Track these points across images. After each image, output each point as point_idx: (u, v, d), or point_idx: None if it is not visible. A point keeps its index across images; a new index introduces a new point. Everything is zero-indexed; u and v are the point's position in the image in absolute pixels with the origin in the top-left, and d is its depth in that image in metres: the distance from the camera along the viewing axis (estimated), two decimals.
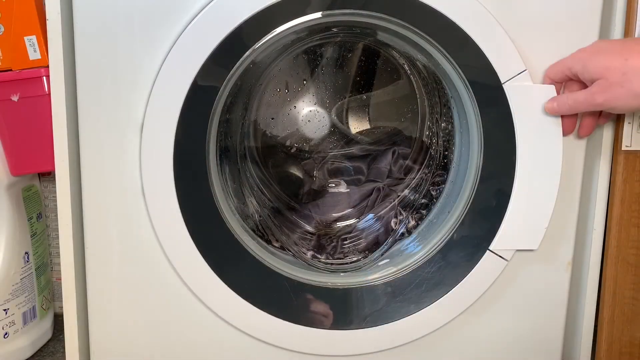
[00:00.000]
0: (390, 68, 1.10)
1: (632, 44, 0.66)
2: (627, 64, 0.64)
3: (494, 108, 0.73)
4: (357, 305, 0.80)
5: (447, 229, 0.79)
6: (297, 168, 1.13)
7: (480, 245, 0.78)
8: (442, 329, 0.80)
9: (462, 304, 0.79)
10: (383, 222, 0.91)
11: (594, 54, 0.68)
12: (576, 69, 0.69)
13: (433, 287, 0.79)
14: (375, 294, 0.80)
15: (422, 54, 0.79)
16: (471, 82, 0.73)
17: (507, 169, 0.75)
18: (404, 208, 0.90)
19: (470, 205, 0.77)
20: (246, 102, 1.09)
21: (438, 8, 0.70)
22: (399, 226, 0.88)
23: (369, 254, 0.87)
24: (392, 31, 0.74)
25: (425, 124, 1.11)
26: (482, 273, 0.79)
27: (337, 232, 0.90)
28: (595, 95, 0.67)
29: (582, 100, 0.68)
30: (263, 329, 0.78)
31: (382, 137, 1.00)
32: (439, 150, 1.08)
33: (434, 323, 0.80)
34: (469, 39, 0.71)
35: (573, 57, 0.70)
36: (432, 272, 0.79)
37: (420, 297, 0.79)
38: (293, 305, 0.78)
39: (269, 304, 0.77)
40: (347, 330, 0.79)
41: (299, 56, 1.09)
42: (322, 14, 0.69)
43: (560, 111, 0.71)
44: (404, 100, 1.11)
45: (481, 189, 0.77)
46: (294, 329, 0.78)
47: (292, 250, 0.86)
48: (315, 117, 1.10)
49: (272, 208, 1.03)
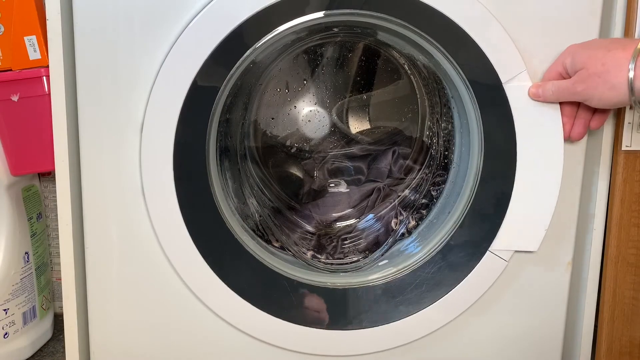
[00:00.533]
0: (391, 68, 1.10)
1: (623, 40, 0.66)
2: (607, 55, 0.64)
3: (494, 108, 0.73)
4: (357, 305, 0.80)
5: (447, 229, 0.79)
6: (297, 168, 1.13)
7: (480, 245, 0.78)
8: (442, 330, 0.80)
9: (462, 304, 0.79)
10: (383, 222, 0.91)
11: (583, 47, 0.68)
12: (566, 62, 0.69)
13: (433, 288, 0.79)
14: (375, 294, 0.80)
15: (423, 54, 0.79)
16: (471, 82, 0.73)
17: (507, 169, 0.75)
18: (404, 208, 0.90)
19: (470, 206, 0.77)
20: (246, 102, 1.09)
21: (438, 8, 0.70)
22: (399, 226, 0.88)
23: (369, 254, 0.87)
24: (392, 31, 0.74)
25: (425, 124, 1.11)
26: (482, 273, 0.79)
27: (337, 232, 0.89)
28: (576, 84, 0.67)
29: (564, 87, 0.69)
30: (262, 329, 0.78)
31: (383, 137, 1.00)
32: (440, 150, 1.08)
33: (434, 323, 0.80)
34: (469, 38, 0.71)
35: (565, 51, 0.71)
36: (432, 273, 0.79)
37: (420, 298, 0.79)
38: (293, 305, 0.78)
39: (269, 304, 0.77)
40: (347, 330, 0.79)
41: (299, 56, 1.09)
42: (325, 13, 0.69)
43: (543, 97, 0.71)
44: (405, 100, 1.11)
45: (481, 190, 0.77)
46: (294, 329, 0.78)
47: (292, 250, 0.86)
48: (315, 117, 1.10)
49: (272, 208, 1.03)
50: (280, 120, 1.11)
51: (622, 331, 0.81)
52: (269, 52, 0.71)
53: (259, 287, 0.77)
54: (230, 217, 0.77)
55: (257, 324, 0.77)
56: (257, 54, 0.70)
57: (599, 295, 0.81)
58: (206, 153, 0.72)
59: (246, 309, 0.76)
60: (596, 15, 0.73)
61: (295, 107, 1.10)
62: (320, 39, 1.08)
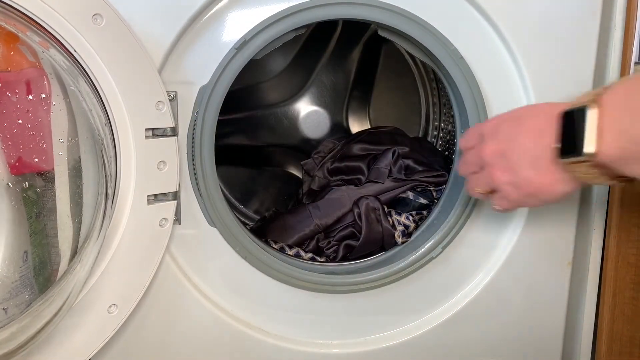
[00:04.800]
0: (392, 67, 1.10)
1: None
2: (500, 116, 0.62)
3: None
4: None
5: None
6: (297, 168, 1.13)
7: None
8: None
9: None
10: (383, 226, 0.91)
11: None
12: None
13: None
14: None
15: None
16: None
17: None
18: (404, 209, 0.90)
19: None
20: (246, 100, 1.09)
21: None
22: (400, 227, 0.87)
23: (369, 256, 0.87)
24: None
25: (428, 124, 1.11)
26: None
27: (336, 234, 0.89)
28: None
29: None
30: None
31: (382, 137, 1.00)
32: (441, 150, 1.08)
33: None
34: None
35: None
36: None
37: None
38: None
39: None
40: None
41: (299, 53, 1.09)
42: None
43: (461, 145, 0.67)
44: (405, 99, 1.11)
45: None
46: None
47: (291, 252, 0.86)
48: (315, 115, 1.10)
49: (271, 209, 1.03)
50: (280, 119, 1.11)
51: (622, 331, 0.81)
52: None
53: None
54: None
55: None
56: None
57: (599, 295, 0.81)
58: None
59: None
60: (596, 15, 0.73)
61: (296, 106, 1.10)
62: (321, 36, 1.08)
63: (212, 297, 0.76)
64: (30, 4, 0.56)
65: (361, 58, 1.10)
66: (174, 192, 0.69)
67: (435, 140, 1.10)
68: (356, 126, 1.13)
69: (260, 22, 0.68)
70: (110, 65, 0.61)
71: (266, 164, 1.14)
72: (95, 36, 0.59)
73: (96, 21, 0.59)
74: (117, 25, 0.60)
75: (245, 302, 0.77)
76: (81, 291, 0.64)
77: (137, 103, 0.63)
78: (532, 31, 0.72)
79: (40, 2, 0.57)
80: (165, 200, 0.68)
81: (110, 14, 0.60)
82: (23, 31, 0.58)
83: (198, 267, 0.74)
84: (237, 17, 0.69)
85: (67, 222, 0.77)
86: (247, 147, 1.12)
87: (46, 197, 0.73)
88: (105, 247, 0.65)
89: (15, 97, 0.85)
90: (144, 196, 0.67)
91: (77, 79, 0.61)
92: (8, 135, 0.88)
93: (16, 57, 0.84)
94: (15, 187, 0.95)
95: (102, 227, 0.63)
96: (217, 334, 0.77)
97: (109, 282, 0.65)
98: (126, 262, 0.66)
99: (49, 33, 0.59)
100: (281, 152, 1.13)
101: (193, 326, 0.76)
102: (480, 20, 0.72)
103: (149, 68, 0.64)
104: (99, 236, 0.63)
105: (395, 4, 0.70)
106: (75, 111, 0.65)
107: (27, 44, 0.62)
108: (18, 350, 0.61)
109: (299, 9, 0.68)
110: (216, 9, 0.68)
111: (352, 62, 1.10)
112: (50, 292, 0.65)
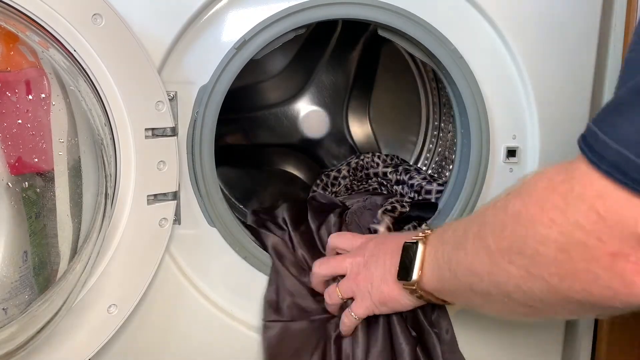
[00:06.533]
0: (392, 67, 1.10)
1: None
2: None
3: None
4: None
5: None
6: (297, 168, 1.13)
7: None
8: None
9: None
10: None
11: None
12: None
13: None
14: None
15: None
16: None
17: None
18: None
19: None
20: (246, 100, 1.09)
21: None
22: None
23: None
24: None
25: (428, 124, 1.11)
26: None
27: None
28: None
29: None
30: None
31: None
32: (441, 150, 1.08)
33: None
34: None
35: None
36: None
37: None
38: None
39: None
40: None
41: (299, 53, 1.09)
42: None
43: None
44: (405, 99, 1.11)
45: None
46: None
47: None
48: (315, 115, 1.10)
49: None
50: (280, 120, 1.11)
51: (622, 331, 0.81)
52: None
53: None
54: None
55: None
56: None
57: None
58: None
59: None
60: (596, 15, 0.73)
61: (296, 106, 1.10)
62: (321, 36, 1.08)
63: (211, 297, 0.76)
64: (30, 4, 0.56)
65: (361, 58, 1.10)
66: (174, 192, 0.69)
67: (436, 141, 1.09)
68: (356, 126, 1.13)
69: (260, 22, 0.68)
70: (110, 65, 0.61)
71: (266, 164, 1.14)
72: (95, 36, 0.59)
73: (96, 21, 0.59)
74: (116, 25, 0.60)
75: (245, 302, 0.76)
76: (81, 291, 0.64)
77: (137, 103, 0.63)
78: (532, 31, 0.72)
79: (40, 2, 0.56)
80: (165, 200, 0.68)
81: (110, 14, 0.60)
82: (23, 31, 0.58)
83: (198, 267, 0.74)
84: (236, 17, 0.69)
85: (66, 222, 0.76)
86: (247, 147, 1.12)
87: (46, 197, 0.73)
88: (105, 247, 0.64)
89: (15, 97, 0.85)
90: (143, 196, 0.66)
91: (76, 78, 0.61)
92: (8, 135, 0.88)
93: (16, 57, 0.83)
94: (15, 187, 0.95)
95: (102, 227, 0.63)
96: (216, 334, 0.77)
97: (108, 282, 0.65)
98: (126, 262, 0.66)
99: (49, 33, 0.58)
100: (281, 152, 1.13)
101: (193, 326, 0.76)
102: (480, 20, 0.72)
103: (148, 68, 0.64)
104: (99, 236, 0.63)
105: (395, 4, 0.70)
106: (75, 111, 0.65)
107: (27, 43, 0.62)
108: (18, 351, 0.60)
109: (299, 9, 0.68)
110: (216, 9, 0.68)
111: (352, 62, 1.10)
112: (50, 292, 0.65)
